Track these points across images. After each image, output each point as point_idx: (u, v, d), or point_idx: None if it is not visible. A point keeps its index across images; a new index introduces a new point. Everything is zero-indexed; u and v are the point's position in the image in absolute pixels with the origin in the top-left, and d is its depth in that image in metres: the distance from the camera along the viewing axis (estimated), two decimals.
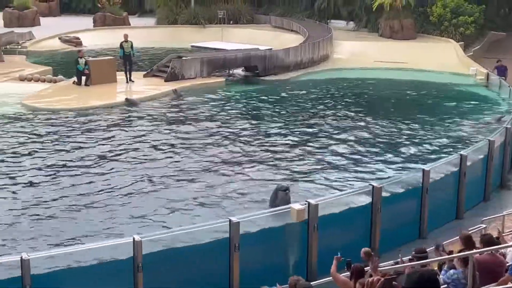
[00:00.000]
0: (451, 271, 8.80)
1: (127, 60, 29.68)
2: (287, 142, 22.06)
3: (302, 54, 34.84)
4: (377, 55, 36.50)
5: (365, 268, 8.63)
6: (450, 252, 10.11)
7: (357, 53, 37.25)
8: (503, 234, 11.24)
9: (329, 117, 25.44)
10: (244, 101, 28.24)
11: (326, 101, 28.52)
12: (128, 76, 29.49)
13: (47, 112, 24.78)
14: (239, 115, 25.52)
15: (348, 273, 9.20)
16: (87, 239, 14.21)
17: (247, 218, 12.79)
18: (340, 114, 25.92)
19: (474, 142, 20.56)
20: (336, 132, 23.31)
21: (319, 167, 19.52)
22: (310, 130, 23.61)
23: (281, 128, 23.83)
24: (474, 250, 8.80)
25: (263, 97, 28.98)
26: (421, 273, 4.02)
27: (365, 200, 14.54)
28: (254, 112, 26.21)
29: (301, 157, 20.45)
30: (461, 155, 16.43)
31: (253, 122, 24.58)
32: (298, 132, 23.24)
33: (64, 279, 11.25)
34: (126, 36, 30.16)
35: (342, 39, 39.70)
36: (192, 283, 12.08)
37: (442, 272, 9.29)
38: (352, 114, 26.00)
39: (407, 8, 40.04)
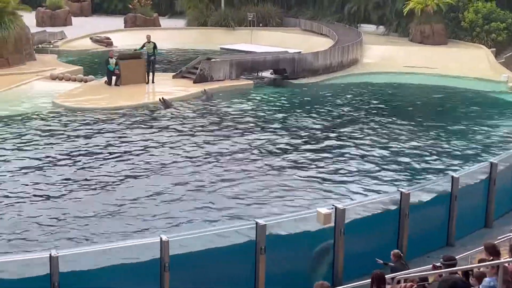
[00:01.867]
0: (487, 279, 8.68)
1: (150, 61, 29.80)
2: (315, 146, 22.02)
3: (332, 57, 34.74)
4: (407, 60, 36.25)
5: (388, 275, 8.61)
6: (481, 261, 10.00)
7: (386, 58, 37.04)
8: None
9: (357, 122, 25.33)
10: (272, 104, 28.24)
11: (354, 105, 28.40)
12: (148, 77, 29.52)
13: (77, 111, 25.06)
14: (267, 118, 25.53)
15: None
16: (115, 237, 14.35)
17: (274, 221, 12.79)
18: (368, 119, 25.80)
19: (504, 149, 20.31)
20: (363, 137, 23.20)
21: (346, 171, 19.44)
22: (338, 134, 23.53)
23: (309, 131, 23.78)
24: (503, 260, 8.69)
25: (291, 101, 28.96)
26: (454, 281, 3.96)
27: (393, 206, 14.44)
28: (282, 115, 26.18)
29: (328, 161, 20.39)
30: (491, 162, 16.24)
31: (281, 125, 24.57)
32: (325, 136, 23.18)
33: (91, 277, 11.36)
34: (148, 37, 30.35)
35: (372, 43, 39.52)
36: (217, 285, 12.12)
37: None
38: (380, 119, 25.86)
39: (438, 13, 39.74)
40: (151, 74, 29.77)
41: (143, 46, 30.00)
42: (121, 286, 11.48)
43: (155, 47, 29.96)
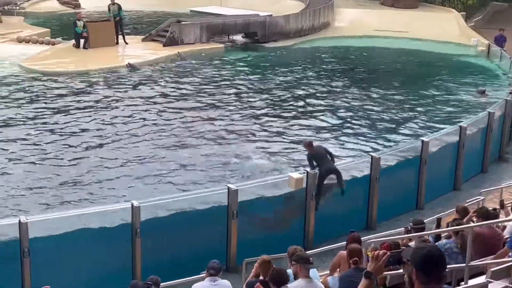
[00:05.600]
0: (444, 240, 8.85)
1: (116, 22, 29.39)
2: (286, 110, 22.00)
3: (303, 21, 34.51)
4: (378, 23, 36.15)
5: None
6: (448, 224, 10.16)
7: (358, 21, 36.90)
8: (506, 204, 11.26)
9: (328, 86, 25.32)
10: (242, 68, 28.06)
11: (325, 69, 28.36)
12: (117, 38, 29.18)
13: (45, 74, 24.61)
14: (237, 82, 25.38)
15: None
16: (85, 203, 14.24)
17: (245, 186, 12.81)
18: (338, 83, 25.80)
19: (473, 113, 20.51)
20: (334, 101, 23.22)
21: (317, 136, 19.47)
22: (309, 98, 23.51)
23: (279, 95, 23.72)
24: (472, 224, 8.83)
25: (262, 64, 28.78)
26: (428, 250, 3.96)
27: (364, 170, 14.56)
28: (252, 79, 26.05)
29: (299, 126, 20.40)
30: (460, 126, 16.43)
31: (250, 89, 24.46)
32: (296, 101, 23.15)
33: (62, 243, 11.29)
34: None
35: (343, 6, 39.30)
36: (189, 250, 12.15)
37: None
38: (351, 83, 25.87)
39: None
40: (120, 36, 29.33)
41: (109, 9, 29.49)
42: (92, 252, 11.45)
43: (119, 8, 29.48)
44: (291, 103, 22.84)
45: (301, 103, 22.86)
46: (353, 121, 20.97)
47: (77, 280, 11.25)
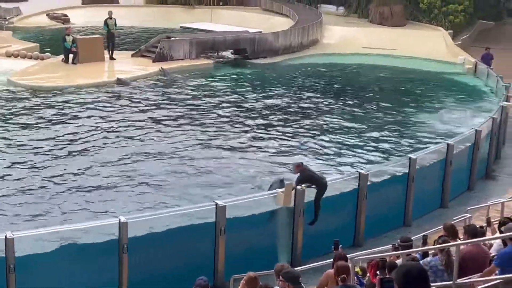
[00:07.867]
0: (428, 258, 8.88)
1: (111, 37, 29.57)
2: (272, 126, 22.03)
3: (292, 38, 34.73)
4: (366, 41, 36.45)
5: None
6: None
7: (346, 39, 37.16)
8: (493, 221, 11.32)
9: (316, 103, 25.41)
10: (231, 84, 28.12)
11: (313, 86, 28.49)
12: (110, 53, 29.36)
13: (33, 89, 24.55)
14: (226, 98, 25.43)
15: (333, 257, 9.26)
16: (72, 219, 14.17)
17: (233, 202, 12.81)
18: (327, 100, 25.89)
19: (460, 130, 20.63)
20: (321, 118, 23.29)
21: (304, 153, 19.52)
22: (296, 116, 23.58)
23: (267, 112, 23.78)
24: (459, 241, 8.87)
25: (251, 81, 28.88)
26: (408, 269, 3.99)
27: (352, 186, 14.60)
28: (241, 95, 26.11)
29: (287, 142, 20.45)
30: (447, 144, 16.53)
31: (239, 104, 24.51)
32: (284, 118, 23.21)
33: (48, 259, 11.23)
34: (110, 13, 30.09)
35: (331, 24, 39.59)
36: (177, 266, 12.11)
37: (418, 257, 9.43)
38: (339, 100, 25.99)
39: None
40: (110, 50, 29.44)
41: (105, 22, 29.63)
42: (79, 268, 11.39)
43: (115, 23, 29.83)
44: (278, 119, 22.88)
45: (288, 119, 22.90)
46: (340, 138, 21.02)
47: None
